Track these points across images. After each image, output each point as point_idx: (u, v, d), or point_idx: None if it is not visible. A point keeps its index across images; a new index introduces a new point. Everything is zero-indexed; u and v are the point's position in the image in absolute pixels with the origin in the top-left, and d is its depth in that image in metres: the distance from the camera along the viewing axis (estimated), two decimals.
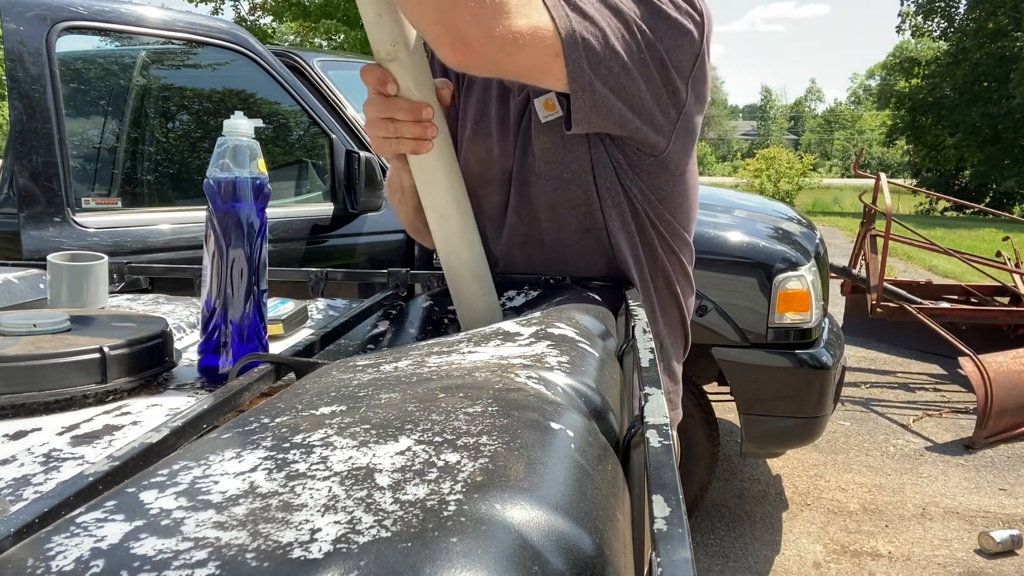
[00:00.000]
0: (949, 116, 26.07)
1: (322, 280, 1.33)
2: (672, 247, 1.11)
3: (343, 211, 2.81)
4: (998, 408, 3.70)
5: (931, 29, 28.76)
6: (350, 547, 0.32)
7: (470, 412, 0.47)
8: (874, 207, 5.10)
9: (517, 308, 1.01)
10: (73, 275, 1.02)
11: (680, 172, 1.07)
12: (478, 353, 0.65)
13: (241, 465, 0.41)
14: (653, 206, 1.07)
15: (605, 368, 0.67)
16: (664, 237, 1.10)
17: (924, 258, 9.82)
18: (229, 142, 0.77)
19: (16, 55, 2.06)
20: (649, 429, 0.50)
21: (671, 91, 0.96)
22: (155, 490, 0.39)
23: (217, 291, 0.78)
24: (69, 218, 2.15)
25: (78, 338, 0.74)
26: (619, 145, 1.02)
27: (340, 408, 0.50)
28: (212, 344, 0.79)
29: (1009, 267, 5.29)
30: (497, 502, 0.35)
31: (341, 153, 2.81)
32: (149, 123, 2.70)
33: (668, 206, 1.08)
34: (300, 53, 3.15)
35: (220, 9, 15.36)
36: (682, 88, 0.97)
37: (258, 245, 0.79)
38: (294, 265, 2.56)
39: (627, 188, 1.05)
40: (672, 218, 1.09)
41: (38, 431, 0.63)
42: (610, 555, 0.37)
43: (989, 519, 3.06)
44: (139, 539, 0.33)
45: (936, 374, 4.97)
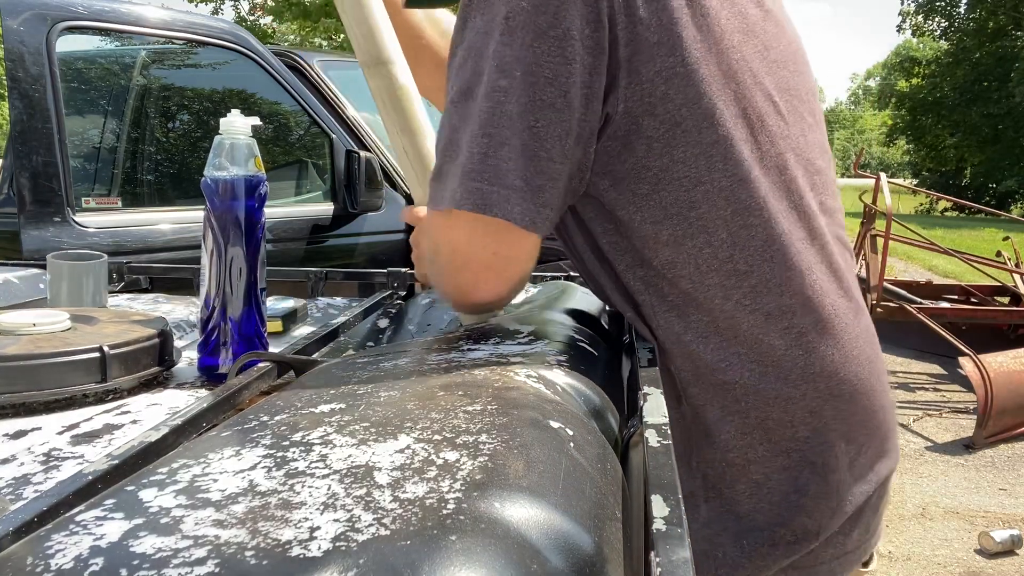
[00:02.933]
0: (949, 116, 26.09)
1: (322, 280, 1.33)
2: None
3: (343, 211, 2.81)
4: (998, 408, 3.70)
5: (931, 28, 28.78)
6: (349, 545, 0.32)
7: (469, 410, 0.47)
8: (874, 207, 5.10)
9: (516, 304, 1.01)
10: (73, 275, 1.02)
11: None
12: (477, 351, 0.65)
13: (240, 463, 0.41)
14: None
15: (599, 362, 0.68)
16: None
17: (924, 258, 9.82)
18: (226, 140, 0.77)
19: (16, 55, 2.06)
20: (648, 429, 0.50)
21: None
22: (154, 488, 0.39)
23: (216, 290, 0.78)
24: (69, 218, 2.16)
25: (78, 337, 0.74)
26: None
27: (339, 406, 0.50)
28: (211, 343, 0.79)
29: (1009, 267, 5.29)
30: (496, 500, 0.35)
31: (341, 153, 2.81)
32: (149, 123, 2.70)
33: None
34: (300, 53, 3.15)
35: (220, 9, 15.36)
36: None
37: (256, 243, 0.79)
38: (294, 265, 2.56)
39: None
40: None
41: (38, 430, 0.63)
42: (609, 553, 0.37)
43: (989, 519, 3.06)
44: (138, 537, 0.33)
45: (936, 374, 4.97)
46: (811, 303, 0.74)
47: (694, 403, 0.74)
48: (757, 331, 0.73)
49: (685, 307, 0.73)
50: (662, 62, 0.68)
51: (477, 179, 0.66)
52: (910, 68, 30.49)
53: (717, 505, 0.75)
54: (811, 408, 0.74)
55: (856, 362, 0.78)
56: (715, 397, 0.74)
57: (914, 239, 5.59)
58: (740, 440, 0.74)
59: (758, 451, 0.75)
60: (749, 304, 0.72)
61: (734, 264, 0.72)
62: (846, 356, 0.76)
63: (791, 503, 0.75)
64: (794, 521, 0.75)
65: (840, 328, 0.77)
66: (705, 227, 0.71)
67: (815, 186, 0.78)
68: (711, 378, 0.73)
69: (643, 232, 0.72)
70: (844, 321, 0.77)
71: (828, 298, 0.76)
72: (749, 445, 0.74)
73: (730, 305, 0.72)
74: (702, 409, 0.74)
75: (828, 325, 0.75)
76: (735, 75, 0.71)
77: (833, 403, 0.75)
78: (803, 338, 0.74)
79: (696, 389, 0.74)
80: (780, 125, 0.75)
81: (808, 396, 0.74)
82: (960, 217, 22.24)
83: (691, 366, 0.74)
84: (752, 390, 0.73)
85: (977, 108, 24.81)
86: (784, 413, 0.74)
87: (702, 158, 0.70)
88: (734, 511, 0.75)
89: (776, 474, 0.75)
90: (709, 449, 0.75)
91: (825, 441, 0.75)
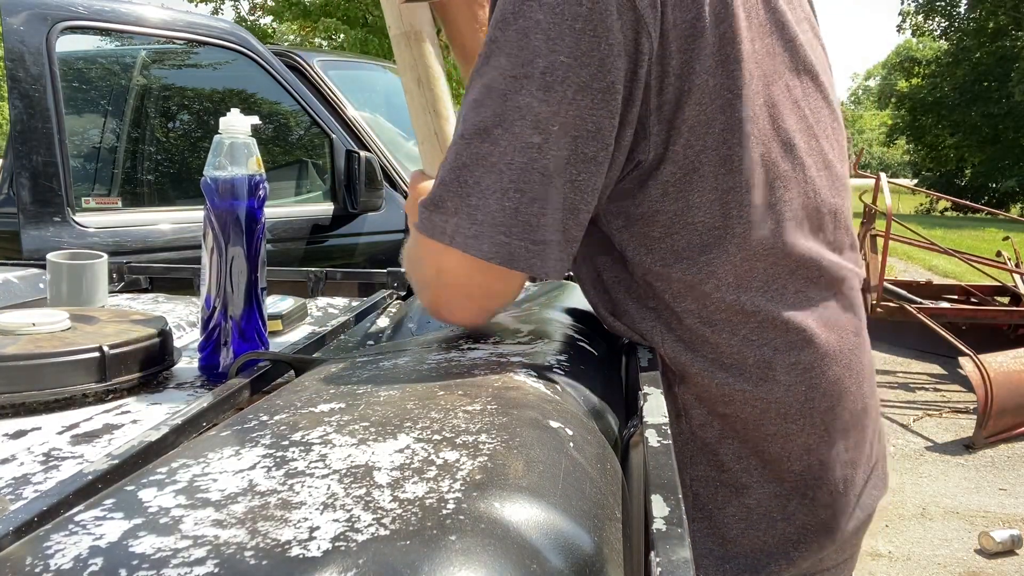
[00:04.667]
0: (949, 116, 26.09)
1: (322, 280, 1.33)
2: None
3: (343, 211, 2.81)
4: (998, 408, 3.70)
5: (931, 28, 28.79)
6: (349, 545, 0.32)
7: (469, 410, 0.47)
8: (874, 207, 5.10)
9: (516, 302, 1.01)
10: (73, 274, 1.02)
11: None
12: (477, 350, 0.65)
13: (240, 463, 0.41)
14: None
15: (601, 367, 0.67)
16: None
17: (924, 258, 9.82)
18: (226, 140, 0.77)
19: (16, 55, 2.07)
20: (648, 429, 0.50)
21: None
22: (154, 488, 0.39)
23: (216, 289, 0.78)
24: (69, 218, 2.16)
25: (78, 337, 0.74)
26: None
27: (339, 406, 0.50)
28: (212, 342, 0.79)
29: (1009, 267, 5.29)
30: (496, 500, 0.35)
31: (341, 153, 2.81)
32: (149, 123, 2.70)
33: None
34: (300, 53, 3.15)
35: (220, 9, 15.36)
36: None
37: (257, 243, 0.79)
38: (294, 265, 2.56)
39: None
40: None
41: (38, 430, 0.63)
42: (609, 553, 0.37)
43: (989, 519, 3.06)
44: (138, 537, 0.33)
45: (936, 374, 4.97)
46: (815, 340, 0.75)
47: (694, 423, 0.75)
48: (763, 367, 0.73)
49: (691, 341, 0.73)
50: (689, 111, 0.68)
51: (506, 234, 0.65)
52: (910, 68, 30.49)
53: (704, 527, 0.75)
54: (808, 444, 0.75)
55: (854, 398, 0.78)
56: (715, 421, 0.74)
57: (914, 239, 5.58)
58: (736, 464, 0.75)
59: (753, 476, 0.75)
60: (756, 340, 0.73)
61: (741, 305, 0.72)
62: (844, 391, 0.77)
63: (779, 532, 0.75)
64: (779, 550, 0.75)
65: (844, 364, 0.77)
66: (714, 272, 0.71)
67: (824, 227, 0.78)
68: (713, 407, 0.74)
69: (652, 271, 0.72)
70: (848, 358, 0.78)
71: (834, 334, 0.77)
72: (745, 470, 0.75)
73: (736, 340, 0.72)
74: (701, 429, 0.74)
75: (832, 361, 0.76)
76: (756, 120, 0.71)
77: (828, 438, 0.76)
78: (807, 374, 0.74)
79: (697, 412, 0.74)
80: (797, 168, 0.75)
81: (806, 431, 0.75)
82: (960, 217, 22.24)
83: (694, 393, 0.74)
84: (753, 424, 0.74)
85: (977, 108, 24.81)
86: (782, 448, 0.74)
87: (717, 204, 0.70)
88: (721, 534, 0.75)
89: (768, 501, 0.75)
90: (705, 467, 0.75)
91: (819, 476, 0.76)
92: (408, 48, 0.90)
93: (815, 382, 0.74)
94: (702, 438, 0.74)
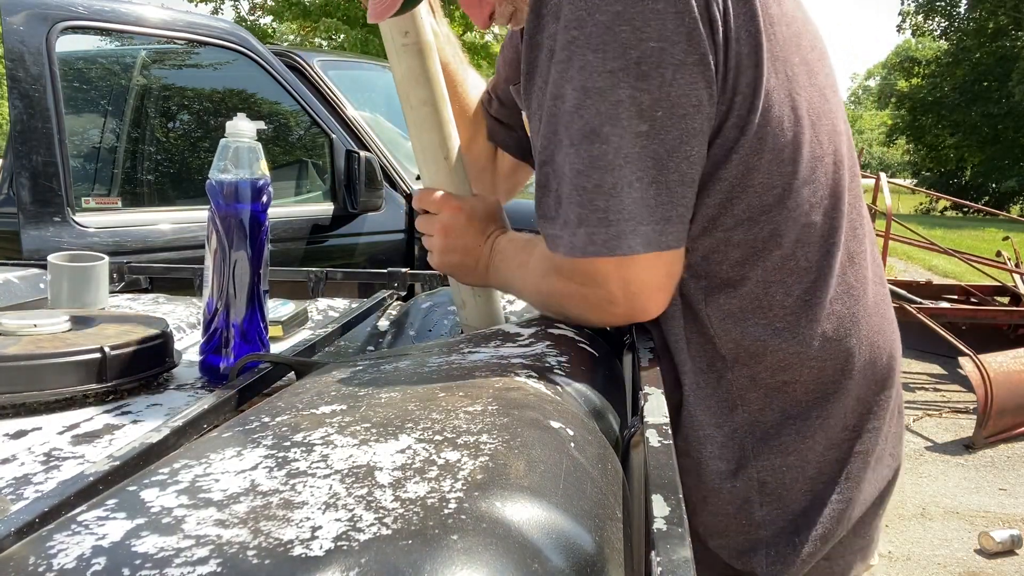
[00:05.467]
0: (949, 116, 26.08)
1: (322, 280, 1.34)
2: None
3: (343, 211, 2.82)
4: (998, 408, 3.70)
5: (931, 28, 28.79)
6: (351, 544, 0.32)
7: (470, 411, 0.47)
8: (874, 207, 5.10)
9: (517, 311, 1.01)
10: (74, 276, 1.02)
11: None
12: (478, 353, 0.65)
13: (242, 463, 0.41)
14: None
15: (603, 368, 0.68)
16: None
17: (924, 258, 9.82)
18: (231, 144, 0.77)
19: (16, 55, 2.07)
20: (649, 428, 0.50)
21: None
22: (156, 488, 0.39)
23: (219, 292, 0.78)
24: (69, 218, 2.16)
25: (79, 338, 0.74)
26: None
27: (340, 407, 0.50)
28: (213, 344, 0.79)
29: (1009, 267, 5.29)
30: (497, 500, 0.35)
31: (341, 153, 2.81)
32: (149, 123, 2.70)
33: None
34: (300, 53, 3.16)
35: (220, 9, 15.36)
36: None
37: (260, 246, 0.79)
38: (294, 265, 2.56)
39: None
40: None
41: (38, 430, 0.63)
42: (610, 553, 0.37)
43: (989, 519, 3.06)
44: (140, 537, 0.33)
45: (936, 374, 4.97)
46: (858, 292, 0.77)
47: (752, 409, 0.75)
48: (815, 325, 0.75)
49: (744, 312, 0.74)
50: (751, 73, 0.69)
51: (645, 222, 0.67)
52: (910, 68, 30.49)
53: (774, 508, 0.76)
54: (859, 396, 0.78)
55: (893, 345, 0.83)
56: (775, 400, 0.75)
57: (914, 239, 5.59)
58: (801, 442, 0.76)
59: (816, 449, 0.76)
60: (809, 299, 0.74)
61: (796, 261, 0.74)
62: (886, 341, 0.81)
63: (842, 493, 0.77)
64: (842, 509, 0.77)
65: (880, 315, 0.81)
66: (776, 230, 0.73)
67: (852, 179, 0.81)
68: (771, 380, 0.75)
69: (709, 243, 0.73)
70: (881, 309, 0.82)
71: (871, 287, 0.80)
72: (809, 447, 0.76)
73: (791, 301, 0.74)
74: (760, 414, 0.75)
75: (873, 313, 0.79)
76: (794, 79, 0.73)
77: (874, 389, 0.79)
78: (855, 327, 0.77)
79: (754, 395, 0.75)
80: (827, 121, 0.77)
81: (858, 384, 0.77)
82: (960, 217, 22.24)
83: (749, 372, 0.75)
84: (812, 386, 0.75)
85: (977, 108, 24.80)
86: (841, 406, 0.77)
87: (775, 163, 0.71)
88: (791, 510, 0.76)
89: (829, 467, 0.77)
90: (768, 454, 0.75)
91: (870, 427, 0.79)
92: (408, 56, 0.87)
93: (863, 334, 0.77)
94: (763, 426, 0.75)
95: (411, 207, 2.92)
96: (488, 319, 0.94)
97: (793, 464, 0.76)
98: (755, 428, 0.75)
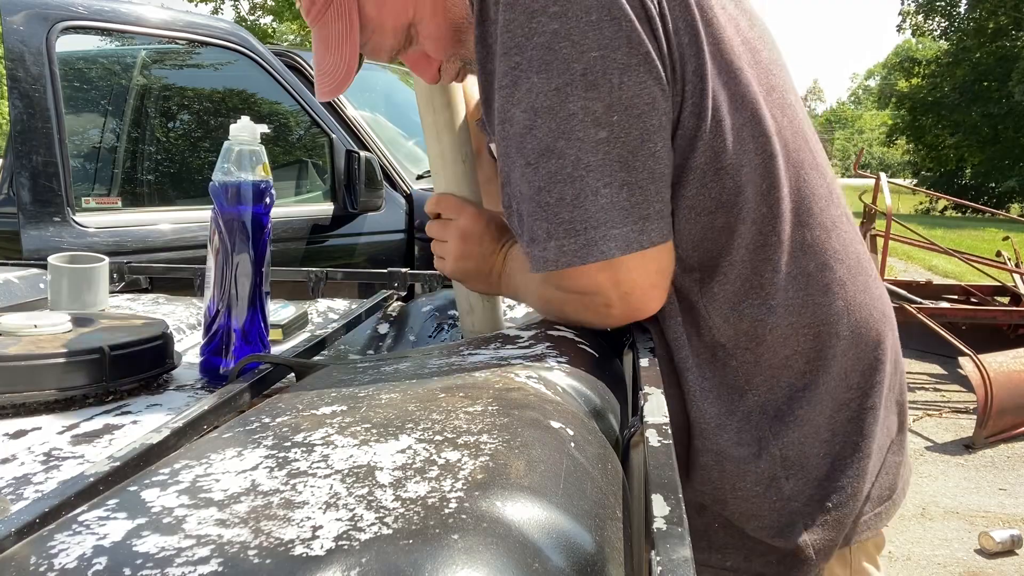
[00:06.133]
0: (949, 116, 26.08)
1: (322, 280, 1.34)
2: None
3: (343, 211, 2.82)
4: (998, 408, 3.70)
5: (931, 28, 28.79)
6: (352, 544, 0.32)
7: (470, 411, 0.47)
8: (874, 207, 5.10)
9: (518, 317, 1.01)
10: (73, 277, 1.02)
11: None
12: (478, 355, 0.65)
13: (242, 463, 0.41)
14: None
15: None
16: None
17: (924, 258, 9.82)
18: (234, 146, 0.78)
19: (16, 55, 2.07)
20: (649, 428, 0.50)
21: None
22: (157, 488, 0.39)
23: (221, 293, 0.78)
24: (69, 218, 2.16)
25: (79, 338, 0.75)
26: None
27: (341, 408, 0.50)
28: (215, 345, 0.79)
29: (1009, 267, 5.29)
30: (498, 500, 0.35)
31: (341, 153, 2.81)
32: (149, 123, 2.70)
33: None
34: (300, 53, 3.15)
35: (220, 9, 15.36)
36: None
37: (262, 248, 0.79)
38: (294, 265, 2.56)
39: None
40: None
41: (38, 430, 0.63)
42: (610, 553, 0.37)
43: (989, 519, 3.06)
44: (141, 537, 0.33)
45: (936, 374, 4.97)
46: (841, 255, 0.80)
47: (760, 391, 0.77)
48: (803, 295, 0.77)
49: (739, 295, 0.76)
50: (695, 61, 0.70)
51: (623, 223, 0.68)
52: (910, 68, 30.49)
53: (800, 480, 0.79)
54: (856, 354, 0.80)
55: (882, 300, 0.85)
56: (781, 377, 0.77)
57: (914, 239, 5.59)
58: (811, 411, 0.78)
59: (826, 414, 0.79)
60: (798, 271, 0.76)
61: (778, 235, 0.75)
62: (873, 298, 0.83)
63: (860, 450, 0.80)
64: (863, 465, 0.80)
65: (865, 273, 0.83)
66: (754, 208, 0.74)
67: (815, 145, 0.83)
68: (773, 358, 0.77)
69: (693, 233, 0.74)
70: (867, 270, 0.83)
71: (853, 247, 0.82)
72: (820, 412, 0.78)
73: (780, 276, 0.76)
74: (770, 393, 0.78)
75: (857, 272, 0.81)
76: (738, 59, 0.74)
77: (871, 345, 0.81)
78: (843, 289, 0.79)
79: (761, 376, 0.77)
80: (777, 95, 0.78)
81: (854, 343, 0.79)
82: (960, 217, 22.24)
83: (753, 355, 0.76)
84: (812, 354, 0.77)
85: (977, 108, 24.80)
86: (841, 367, 0.79)
87: (737, 142, 0.73)
88: (815, 477, 0.79)
89: (842, 428, 0.80)
90: (785, 430, 0.77)
91: (875, 381, 0.81)
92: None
93: (850, 295, 0.80)
94: (775, 405, 0.78)
95: (411, 207, 2.92)
96: (493, 325, 0.94)
97: (809, 433, 0.78)
98: (767, 408, 0.77)
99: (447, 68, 0.84)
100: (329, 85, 0.83)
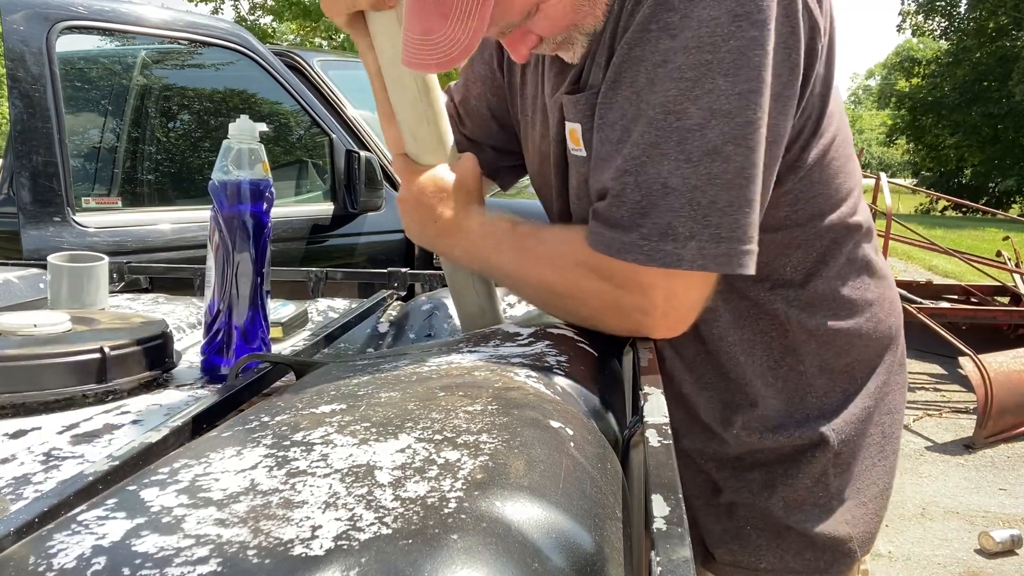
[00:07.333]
0: (949, 116, 26.07)
1: (322, 280, 1.33)
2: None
3: (343, 211, 2.82)
4: (998, 408, 3.70)
5: (931, 28, 28.79)
6: (351, 544, 0.32)
7: (470, 410, 0.47)
8: (874, 207, 5.10)
9: (517, 316, 1.01)
10: (74, 277, 1.02)
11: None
12: (478, 353, 0.65)
13: (242, 463, 0.41)
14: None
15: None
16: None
17: (924, 258, 9.82)
18: (234, 145, 0.78)
19: (16, 54, 2.06)
20: (649, 428, 0.50)
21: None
22: (156, 488, 0.39)
23: (221, 292, 0.78)
24: (69, 218, 2.16)
25: (78, 338, 0.74)
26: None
27: (340, 407, 0.50)
28: (215, 345, 0.79)
29: (1009, 267, 5.29)
30: (497, 499, 0.35)
31: (341, 153, 2.81)
32: (149, 123, 2.70)
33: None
34: (300, 53, 3.15)
35: (220, 9, 15.36)
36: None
37: (263, 247, 0.79)
38: (294, 265, 2.56)
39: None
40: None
41: (38, 430, 0.63)
42: (609, 553, 0.37)
43: (989, 519, 3.06)
44: (140, 536, 0.33)
45: (936, 374, 4.97)
46: (886, 271, 0.89)
47: (819, 394, 0.85)
48: (869, 310, 0.86)
49: (811, 305, 0.83)
50: (819, 104, 0.77)
51: (746, 241, 0.70)
52: (910, 68, 30.48)
53: (845, 476, 0.85)
54: (891, 362, 0.90)
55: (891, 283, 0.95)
56: (838, 383, 0.86)
57: (914, 239, 5.59)
58: (862, 412, 0.86)
59: (873, 418, 0.87)
60: (865, 287, 0.86)
61: (848, 255, 0.84)
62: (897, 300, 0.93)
63: (892, 444, 0.89)
64: (893, 460, 0.90)
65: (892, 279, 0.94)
66: (829, 229, 0.82)
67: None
68: (836, 363, 0.85)
69: (783, 246, 0.81)
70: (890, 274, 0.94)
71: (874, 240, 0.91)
72: (869, 414, 0.87)
73: (848, 291, 0.84)
74: (826, 397, 0.85)
75: (892, 287, 0.91)
76: (838, 97, 0.82)
77: (899, 352, 0.92)
78: (893, 305, 0.90)
79: (822, 380, 0.85)
80: (846, 117, 0.86)
81: (895, 351, 0.90)
82: (960, 217, 22.24)
83: (819, 360, 0.84)
84: (868, 364, 0.87)
85: (977, 108, 24.78)
86: (884, 374, 0.88)
87: (829, 173, 0.80)
88: (854, 473, 0.86)
89: (883, 425, 0.88)
90: (843, 428, 0.85)
91: (902, 380, 0.92)
92: (386, 21, 0.82)
93: (896, 309, 0.91)
94: (831, 407, 0.85)
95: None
96: (493, 319, 0.93)
97: (860, 431, 0.85)
98: (825, 410, 0.84)
99: (541, 47, 0.81)
100: (437, 58, 0.73)
